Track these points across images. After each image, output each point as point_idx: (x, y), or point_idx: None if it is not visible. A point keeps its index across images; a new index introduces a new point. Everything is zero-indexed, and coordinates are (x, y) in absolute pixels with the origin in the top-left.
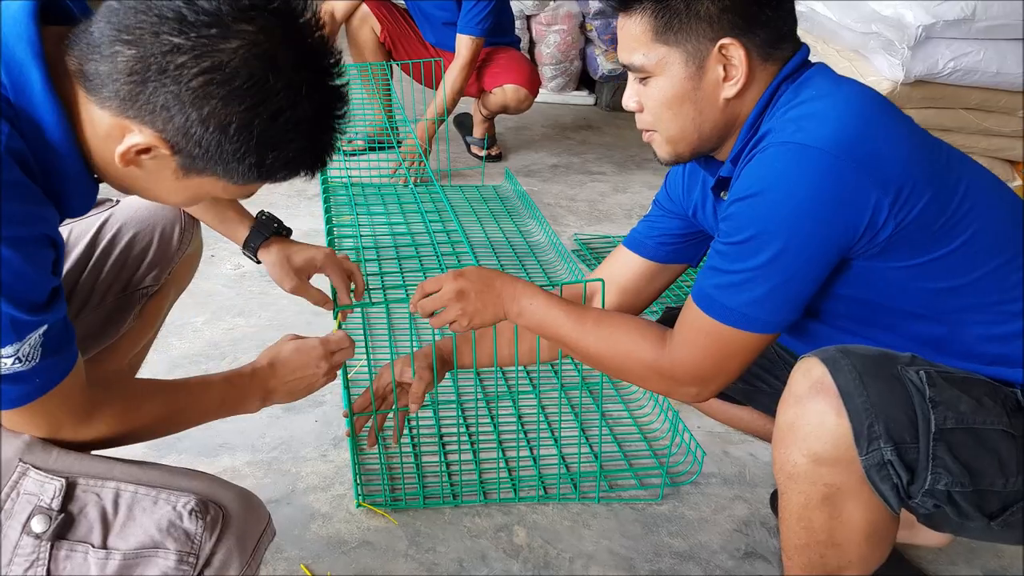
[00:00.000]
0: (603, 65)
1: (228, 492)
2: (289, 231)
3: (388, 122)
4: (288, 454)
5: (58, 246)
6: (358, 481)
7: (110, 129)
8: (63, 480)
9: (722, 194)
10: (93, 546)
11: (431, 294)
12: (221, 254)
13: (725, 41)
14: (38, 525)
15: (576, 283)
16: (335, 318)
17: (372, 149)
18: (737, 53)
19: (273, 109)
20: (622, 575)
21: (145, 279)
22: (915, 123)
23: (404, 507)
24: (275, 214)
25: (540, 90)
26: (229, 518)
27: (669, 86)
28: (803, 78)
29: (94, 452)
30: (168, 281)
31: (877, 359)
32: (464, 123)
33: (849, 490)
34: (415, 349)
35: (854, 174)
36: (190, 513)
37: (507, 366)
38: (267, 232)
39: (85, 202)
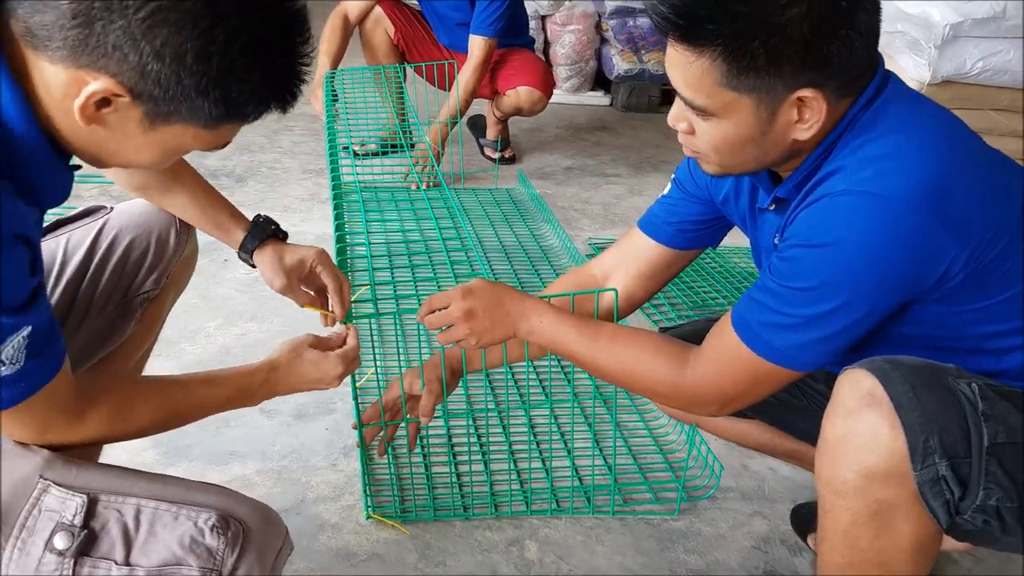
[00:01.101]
0: (619, 65)
1: (247, 507)
2: (285, 234)
3: (401, 125)
4: (298, 463)
5: (33, 245)
6: (368, 492)
7: (66, 87)
8: (84, 497)
9: (770, 206)
10: (116, 563)
11: (439, 309)
12: (235, 259)
13: (806, 94)
14: (61, 542)
15: (589, 293)
16: (327, 324)
17: (385, 152)
18: (817, 103)
19: (228, 31)
20: None
21: (144, 284)
22: (985, 144)
23: (414, 519)
24: (288, 217)
25: (555, 91)
26: (249, 533)
27: (734, 130)
28: (879, 104)
29: (113, 464)
30: (166, 285)
31: (927, 370)
32: (477, 125)
33: (900, 506)
34: (425, 359)
35: (934, 230)
36: (211, 529)
37: (518, 362)
38: (263, 235)
39: (61, 190)
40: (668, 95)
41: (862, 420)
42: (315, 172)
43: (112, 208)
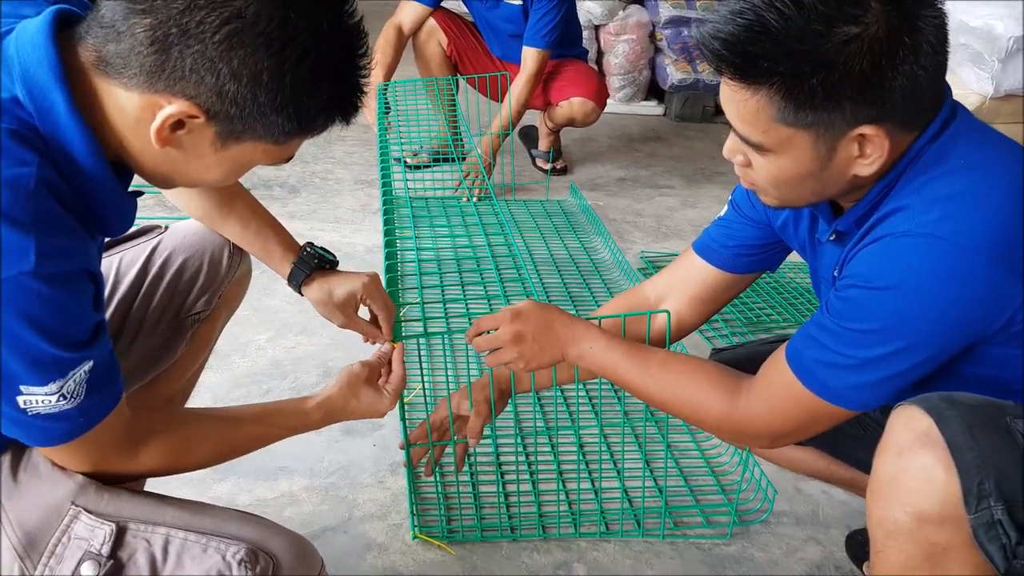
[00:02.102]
0: (673, 75)
1: (280, 539)
2: (334, 262)
3: (452, 136)
4: (346, 480)
5: (98, 281)
6: (414, 512)
7: (140, 111)
8: (113, 525)
9: (831, 237)
10: None
11: (488, 331)
12: None
13: (867, 131)
14: (88, 570)
15: (641, 315)
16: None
17: (436, 163)
18: (879, 140)
19: (300, 51)
20: None
21: (196, 305)
22: None
23: (461, 539)
24: (340, 229)
25: (608, 101)
26: (279, 568)
27: (792, 166)
28: (946, 139)
29: (148, 491)
30: (219, 305)
31: (985, 409)
32: (530, 135)
33: (954, 550)
34: (474, 377)
35: (1001, 278)
36: (239, 563)
37: (568, 384)
38: (308, 269)
39: (125, 220)
40: None
41: (915, 461)
42: (367, 183)
43: (166, 227)
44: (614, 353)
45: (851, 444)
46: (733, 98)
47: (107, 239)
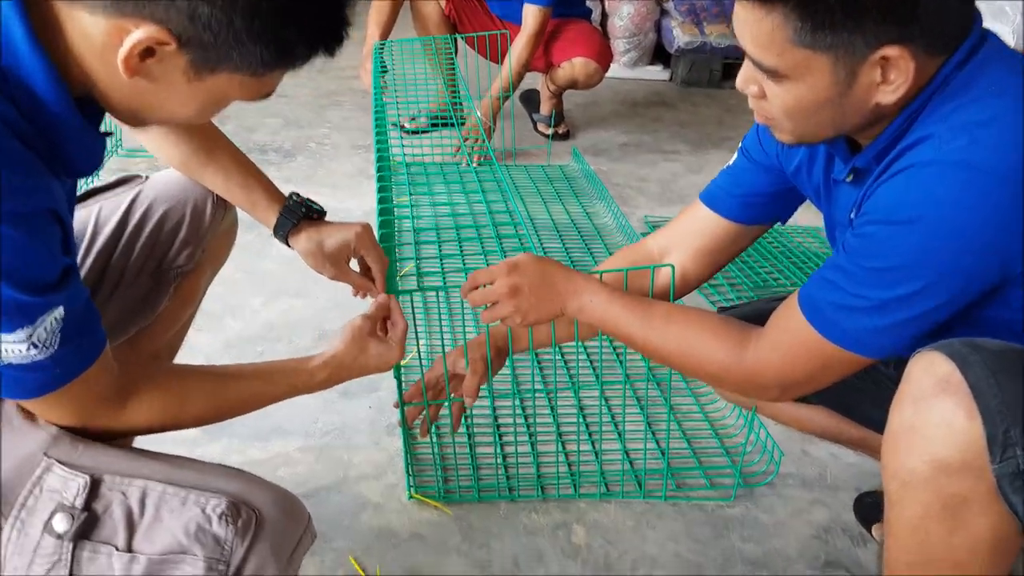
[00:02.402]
0: (679, 38)
1: (264, 494)
2: (322, 212)
3: (451, 99)
4: (341, 440)
5: (64, 223)
6: (410, 472)
7: (107, 37)
8: (88, 477)
9: (847, 177)
10: (117, 548)
11: (484, 285)
12: None
13: (891, 52)
14: (60, 524)
15: (644, 269)
16: (360, 296)
17: (435, 127)
18: (903, 63)
19: None
20: None
21: (179, 257)
22: None
23: (458, 500)
24: (336, 193)
25: (612, 65)
26: (263, 522)
27: (809, 93)
28: (975, 65)
29: (130, 447)
30: (203, 259)
31: (1010, 355)
32: (531, 99)
33: (976, 501)
34: (471, 338)
35: None
36: (220, 517)
37: (567, 343)
38: (295, 218)
39: (92, 159)
40: (730, 69)
41: (935, 407)
42: (364, 148)
43: (147, 178)
44: (615, 306)
45: (862, 401)
46: (747, 19)
47: (86, 192)
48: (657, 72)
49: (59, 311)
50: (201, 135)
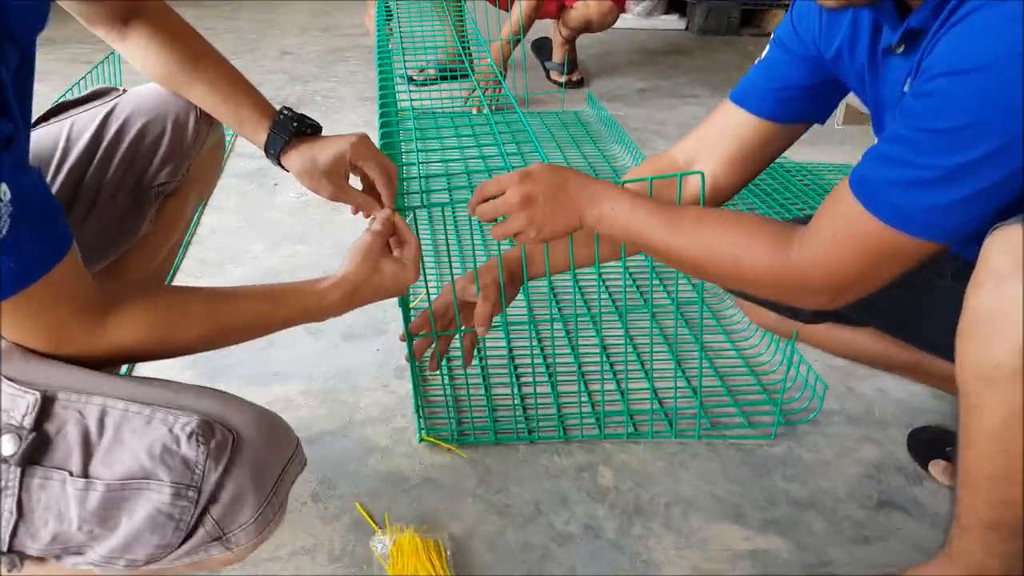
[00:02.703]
0: None
1: (243, 413)
2: (317, 127)
3: (461, 45)
4: (346, 384)
5: (2, 84)
6: (420, 414)
7: None
8: (38, 394)
9: (898, 47)
10: (72, 473)
11: (493, 198)
12: (284, 183)
13: None
14: (6, 447)
15: (670, 178)
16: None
17: (444, 78)
18: None
19: None
20: (730, 525)
21: (160, 175)
22: None
23: (473, 442)
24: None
25: (624, 15)
26: (242, 444)
27: None
28: None
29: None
30: (187, 180)
31: None
32: (542, 48)
33: None
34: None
35: None
36: (189, 436)
37: (586, 266)
38: (286, 134)
39: (33, 16)
40: (749, 16)
41: (1021, 288)
42: (371, 99)
43: (124, 91)
44: (639, 212)
45: (917, 319)
46: None
47: (57, 105)
48: (673, 21)
49: (2, 187)
50: (187, 45)
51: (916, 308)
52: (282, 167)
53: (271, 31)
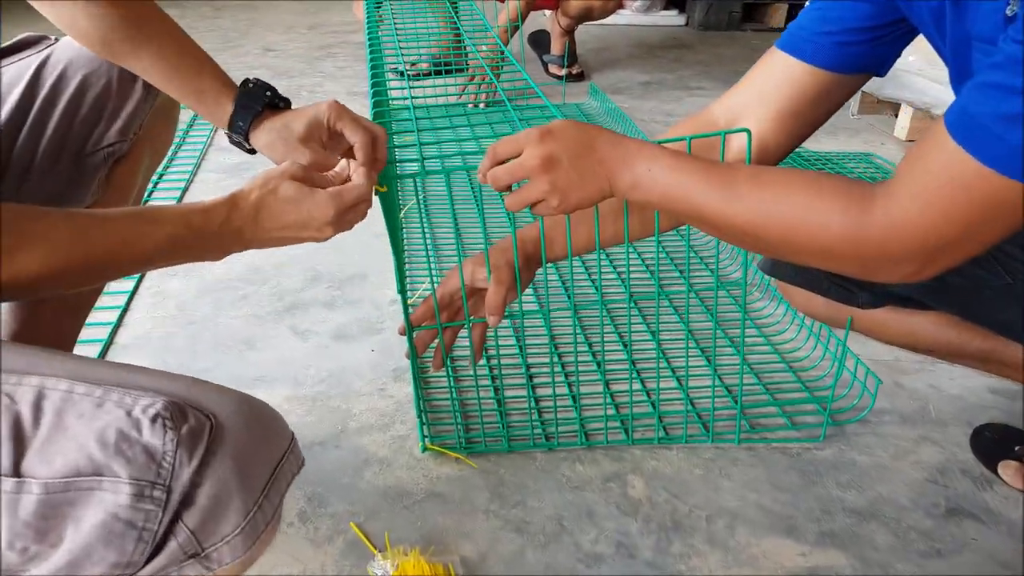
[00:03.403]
0: None
1: (222, 397)
2: (287, 102)
3: (454, 39)
4: (338, 388)
5: None
6: (423, 419)
7: None
8: None
9: None
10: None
11: (507, 160)
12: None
13: None
14: None
15: (712, 136)
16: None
17: (438, 72)
18: None
19: None
20: (782, 539)
21: (106, 135)
22: None
23: (483, 450)
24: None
25: (622, 11)
26: (222, 431)
27: None
28: None
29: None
30: (140, 140)
31: None
32: (540, 41)
33: None
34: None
35: None
36: (154, 420)
37: (612, 244)
38: (258, 104)
39: None
40: (751, 10)
41: None
42: (360, 94)
43: (56, 40)
44: (682, 173)
45: (993, 300)
46: None
47: None
48: (672, 17)
49: None
50: (129, 5)
51: (994, 288)
52: (246, 145)
53: (254, 29)
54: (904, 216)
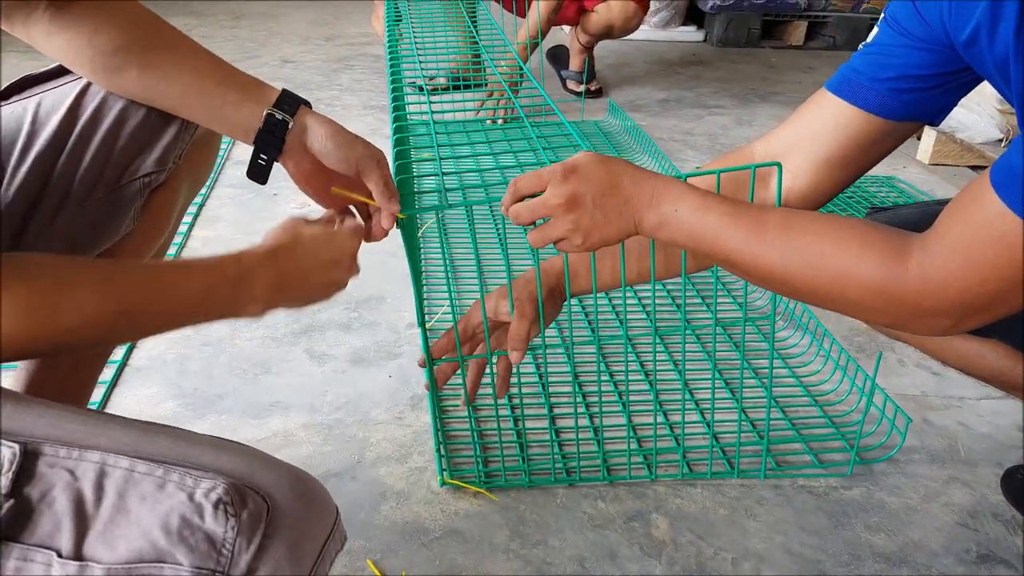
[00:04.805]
0: None
1: (276, 474)
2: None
3: (472, 54)
4: (355, 416)
5: None
6: (441, 452)
7: None
8: (17, 447)
9: None
10: (60, 554)
11: (530, 196)
12: (285, 193)
13: None
14: None
15: (741, 169)
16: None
17: (456, 87)
18: None
19: None
20: None
21: (145, 164)
22: None
23: (503, 485)
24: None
25: (642, 26)
26: (277, 514)
27: None
28: None
29: (84, 410)
30: (179, 169)
31: None
32: (559, 57)
33: None
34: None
35: None
36: (216, 506)
37: (638, 283)
38: (299, 101)
39: None
40: (769, 27)
41: None
42: (377, 108)
43: None
44: (710, 214)
45: None
46: None
47: (20, 80)
48: (690, 33)
49: None
50: (138, 24)
51: None
52: (278, 154)
53: (272, 40)
54: (942, 271)
